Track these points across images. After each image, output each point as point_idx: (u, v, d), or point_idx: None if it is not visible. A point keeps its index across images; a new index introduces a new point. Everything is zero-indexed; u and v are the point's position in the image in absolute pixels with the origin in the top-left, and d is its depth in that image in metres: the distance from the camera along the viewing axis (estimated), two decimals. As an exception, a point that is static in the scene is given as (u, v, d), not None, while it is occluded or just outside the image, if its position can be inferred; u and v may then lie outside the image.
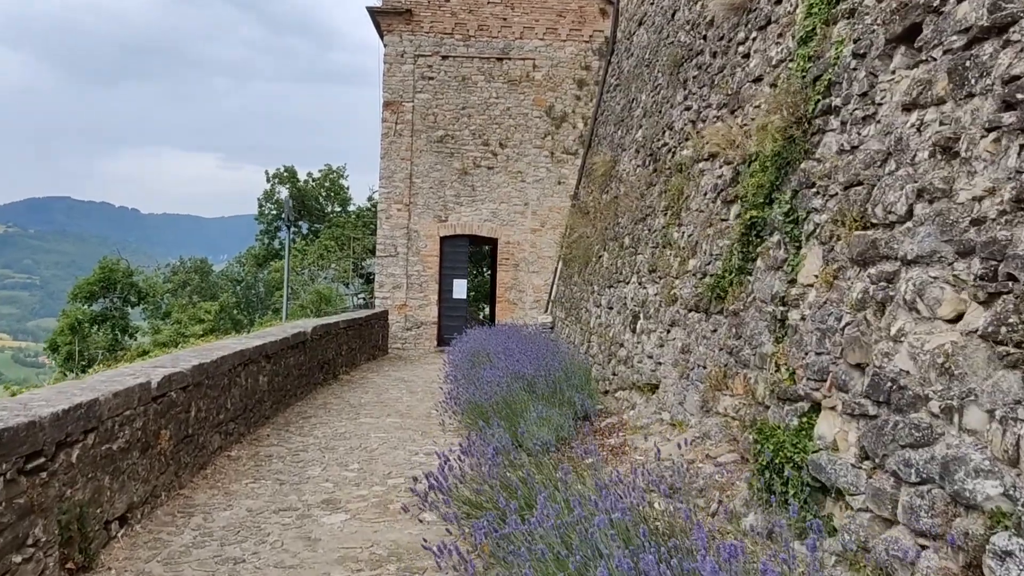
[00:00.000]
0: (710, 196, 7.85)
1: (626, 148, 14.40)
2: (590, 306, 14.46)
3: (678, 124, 10.16)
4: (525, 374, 8.64)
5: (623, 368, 10.32)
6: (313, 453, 8.01)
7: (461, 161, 21.40)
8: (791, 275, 5.34)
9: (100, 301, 27.71)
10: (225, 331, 24.53)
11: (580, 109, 21.57)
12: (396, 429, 9.41)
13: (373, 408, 11.02)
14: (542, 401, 7.94)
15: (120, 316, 28.15)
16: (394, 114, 21.36)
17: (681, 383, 7.40)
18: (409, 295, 21.34)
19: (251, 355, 8.70)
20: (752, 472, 5.01)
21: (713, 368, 6.48)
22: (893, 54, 4.65)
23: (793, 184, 5.62)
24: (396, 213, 21.34)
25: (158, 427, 5.83)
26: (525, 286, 21.54)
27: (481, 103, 21.48)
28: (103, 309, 27.74)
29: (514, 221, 21.48)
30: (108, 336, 27.25)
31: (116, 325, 27.76)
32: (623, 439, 7.90)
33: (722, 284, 6.63)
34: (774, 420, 5.09)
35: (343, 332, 14.92)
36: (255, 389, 8.93)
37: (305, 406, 10.95)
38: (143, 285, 29.43)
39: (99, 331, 27.29)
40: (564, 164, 21.47)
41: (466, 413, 8.35)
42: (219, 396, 7.51)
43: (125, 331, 28.12)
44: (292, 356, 10.93)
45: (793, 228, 5.44)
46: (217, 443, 7.46)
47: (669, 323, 8.35)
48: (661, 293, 9.05)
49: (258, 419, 9.02)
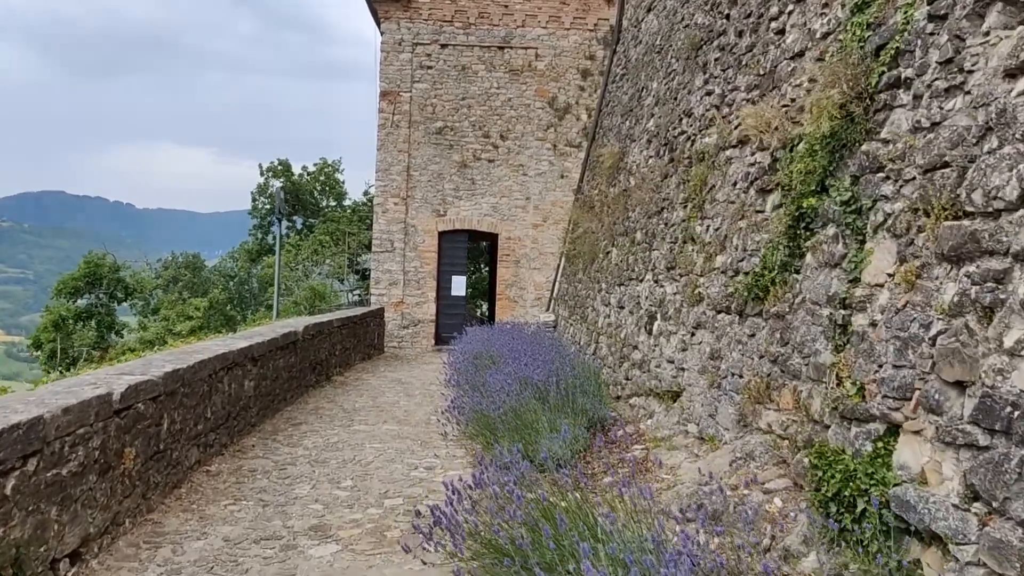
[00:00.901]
0: (741, 186, 7.12)
1: (635, 139, 13.67)
2: (597, 305, 13.74)
3: (698, 110, 9.43)
4: (535, 380, 7.90)
5: (638, 372, 9.59)
6: (302, 467, 7.27)
7: (460, 153, 20.65)
8: (853, 273, 4.61)
9: (86, 297, 26.82)
10: (215, 328, 23.77)
11: (584, 100, 20.82)
12: (393, 438, 8.68)
13: (368, 413, 10.28)
14: (555, 411, 7.21)
15: (106, 312, 27.25)
16: (391, 104, 20.58)
17: (711, 393, 6.67)
18: (406, 292, 20.59)
19: (235, 358, 7.95)
20: (811, 503, 4.28)
21: (752, 378, 5.75)
22: (986, 12, 3.91)
23: (852, 169, 4.89)
24: (393, 207, 20.57)
25: (121, 445, 5.09)
26: (526, 283, 20.80)
27: (481, 93, 20.72)
28: (88, 305, 26.84)
29: (515, 216, 20.73)
30: (93, 333, 26.40)
31: (102, 322, 26.87)
32: (645, 452, 7.17)
33: (761, 283, 5.90)
34: (837, 442, 4.36)
35: (337, 331, 14.17)
36: (240, 395, 8.18)
37: (295, 411, 10.20)
38: (130, 280, 28.51)
39: (84, 328, 26.43)
40: (567, 157, 20.72)
41: (471, 423, 7.61)
42: (197, 405, 6.77)
43: (111, 328, 27.24)
44: (282, 358, 10.19)
45: (855, 219, 4.70)
46: (195, 457, 6.71)
47: (693, 325, 7.62)
48: (683, 292, 8.33)
49: (243, 428, 8.28)
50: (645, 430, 8.25)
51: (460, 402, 7.92)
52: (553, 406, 7.24)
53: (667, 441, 7.32)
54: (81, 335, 25.84)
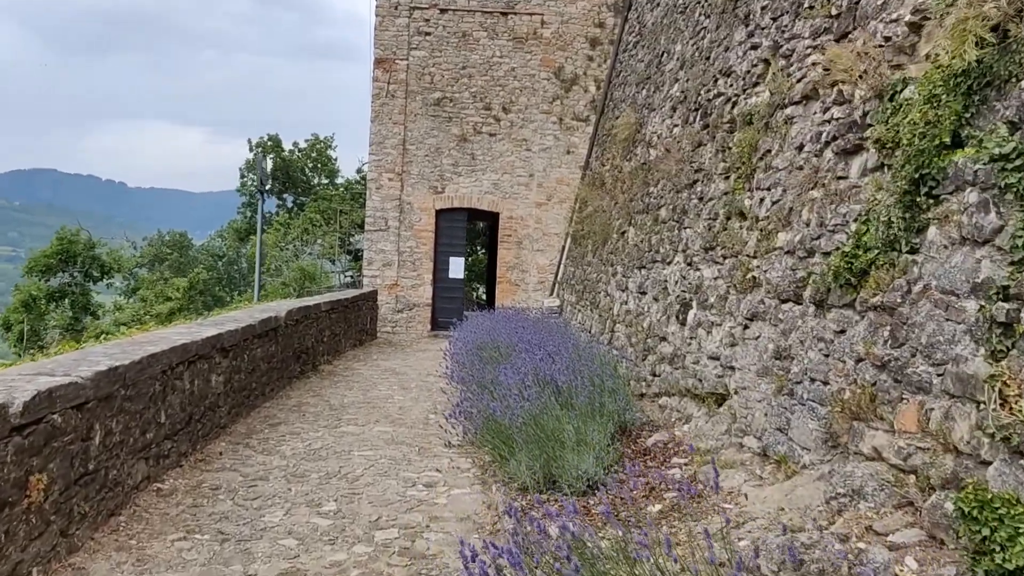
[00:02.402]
0: (811, 148, 5.86)
1: (655, 108, 12.41)
2: (611, 290, 12.50)
3: (740, 68, 8.16)
4: (555, 379, 6.66)
5: (668, 368, 8.36)
6: (276, 483, 6.02)
7: (460, 127, 19.31)
8: (1019, 253, 3.37)
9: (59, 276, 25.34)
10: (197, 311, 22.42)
11: (592, 71, 19.48)
12: (387, 443, 7.44)
13: (358, 411, 9.04)
14: (583, 419, 5.97)
15: (81, 292, 25.77)
16: (386, 73, 19.21)
17: (778, 400, 5.43)
18: (401, 273, 19.31)
19: (199, 349, 6.69)
20: (969, 574, 3.06)
21: (846, 386, 4.52)
22: None
23: (1008, 112, 3.63)
24: (387, 183, 19.24)
25: (24, 472, 3.83)
26: (528, 266, 19.53)
27: (483, 62, 19.36)
28: (61, 285, 25.34)
29: (518, 194, 19.43)
30: (67, 314, 24.93)
31: (76, 302, 25.41)
32: (690, 468, 5.95)
33: (855, 266, 4.65)
34: (1004, 486, 3.14)
35: (325, 315, 12.91)
36: (205, 393, 6.92)
37: (275, 408, 8.95)
38: (107, 259, 27.02)
39: (58, 308, 24.97)
40: (574, 132, 19.40)
41: (481, 431, 6.35)
42: (146, 409, 5.51)
43: (87, 309, 25.78)
44: (260, 347, 8.93)
45: (1019, 179, 3.45)
46: (142, 473, 5.46)
47: (746, 316, 6.38)
48: (728, 276, 7.08)
49: (209, 431, 7.03)
50: (682, 437, 7.02)
51: (466, 405, 6.65)
52: (581, 413, 5.99)
53: (715, 455, 6.09)
54: (55, 316, 24.40)
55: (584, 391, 6.34)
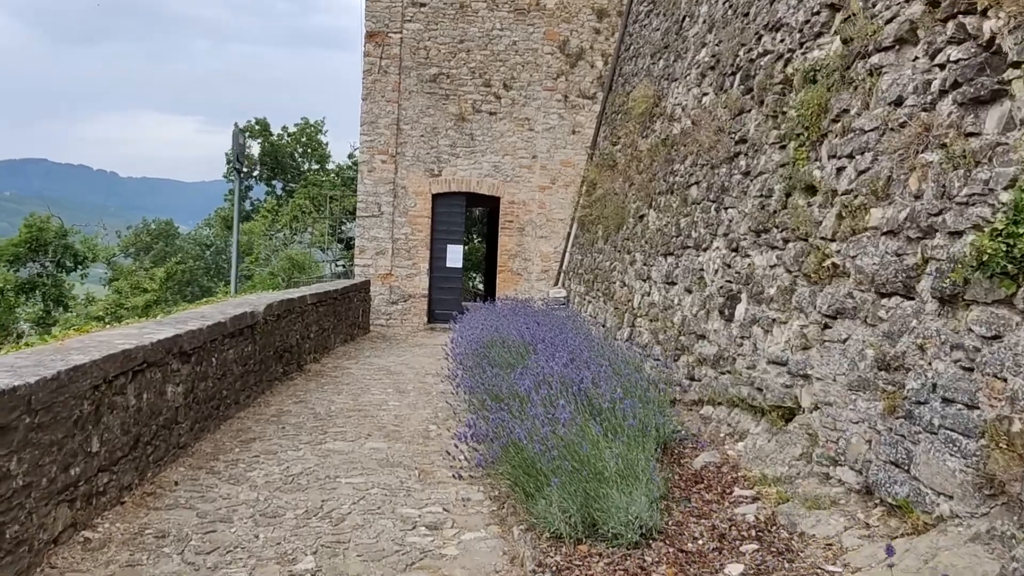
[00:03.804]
0: (917, 101, 4.62)
1: (677, 78, 11.17)
2: (629, 280, 11.28)
3: (794, 19, 6.92)
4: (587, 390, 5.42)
5: (710, 372, 7.14)
6: (241, 527, 4.78)
7: (458, 105, 18.01)
8: None
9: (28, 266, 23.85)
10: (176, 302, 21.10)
11: (599, 45, 18.19)
12: (380, 465, 6.20)
13: (347, 421, 7.80)
14: (630, 445, 4.74)
15: (53, 283, 24.28)
16: (378, 47, 17.88)
17: (888, 424, 4.20)
18: (395, 262, 18.03)
19: (149, 355, 5.44)
20: None
21: (1013, 414, 3.30)
22: None
23: None
24: (380, 165, 17.94)
25: None
26: (531, 254, 18.29)
27: (482, 36, 18.05)
28: (32, 276, 23.84)
29: (520, 176, 18.16)
30: (38, 307, 23.47)
31: (48, 294, 23.94)
32: (764, 508, 4.71)
33: (1016, 250, 3.42)
34: None
35: (312, 309, 11.64)
36: (159, 408, 5.68)
37: (250, 419, 7.71)
38: (80, 247, 25.51)
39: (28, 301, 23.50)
40: (580, 110, 18.13)
41: (499, 460, 5.10)
42: (68, 437, 4.26)
43: (59, 301, 24.29)
44: (232, 347, 7.68)
45: None
46: (63, 521, 4.22)
47: (827, 312, 5.15)
48: (794, 264, 5.85)
49: (164, 454, 5.79)
50: (737, 459, 5.81)
51: (480, 426, 5.39)
52: (629, 439, 4.76)
53: (790, 487, 4.87)
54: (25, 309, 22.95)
55: (630, 410, 5.09)
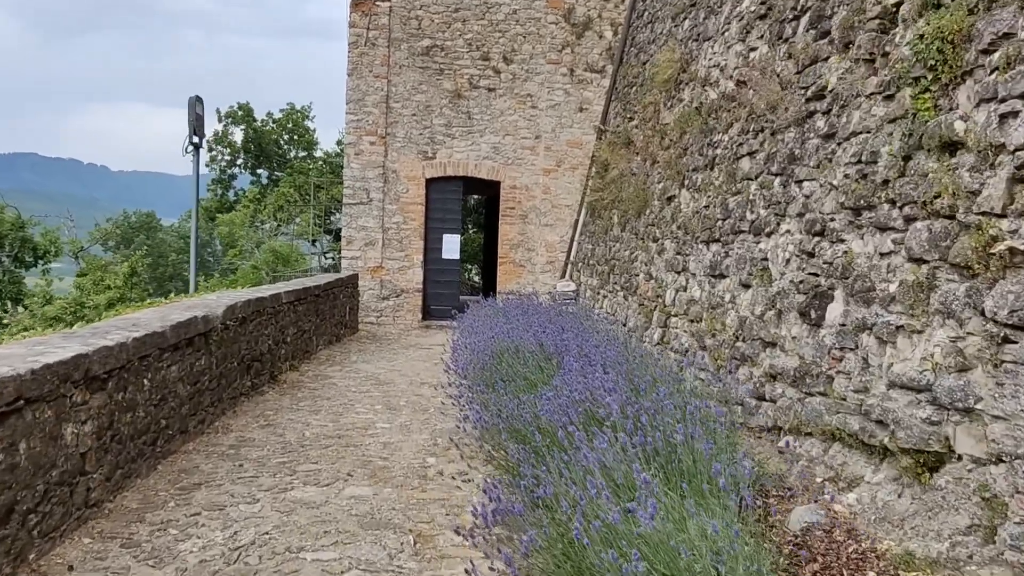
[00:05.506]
0: None
1: (710, 36, 9.57)
2: (657, 271, 9.70)
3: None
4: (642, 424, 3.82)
5: (791, 392, 5.54)
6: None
7: (453, 80, 16.34)
8: None
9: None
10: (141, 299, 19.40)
11: (608, 13, 16.54)
12: (363, 527, 4.60)
13: (323, 454, 6.19)
14: (726, 524, 3.13)
15: (10, 280, 22.40)
16: (365, 17, 16.19)
17: None
18: (386, 254, 16.38)
19: (30, 388, 3.82)
20: None
21: None
22: None
23: None
24: (368, 147, 16.28)
25: None
26: (535, 243, 16.66)
27: (479, 4, 16.37)
28: (-17, 271, 22.02)
29: (522, 159, 16.51)
30: (-9, 306, 21.72)
31: (4, 292, 22.10)
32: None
33: None
34: None
35: (289, 308, 10.02)
36: (49, 459, 4.06)
37: (199, 452, 6.09)
38: (41, 240, 23.62)
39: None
40: (587, 85, 16.48)
41: (529, 520, 3.48)
42: None
43: (17, 300, 22.41)
44: (176, 363, 6.05)
45: None
46: None
47: (1006, 319, 3.55)
48: (928, 249, 4.23)
49: (61, 522, 4.17)
50: (850, 518, 4.21)
51: (500, 493, 3.76)
52: (708, 503, 3.15)
53: None
54: (-21, 309, 21.22)
55: (713, 459, 3.49)
